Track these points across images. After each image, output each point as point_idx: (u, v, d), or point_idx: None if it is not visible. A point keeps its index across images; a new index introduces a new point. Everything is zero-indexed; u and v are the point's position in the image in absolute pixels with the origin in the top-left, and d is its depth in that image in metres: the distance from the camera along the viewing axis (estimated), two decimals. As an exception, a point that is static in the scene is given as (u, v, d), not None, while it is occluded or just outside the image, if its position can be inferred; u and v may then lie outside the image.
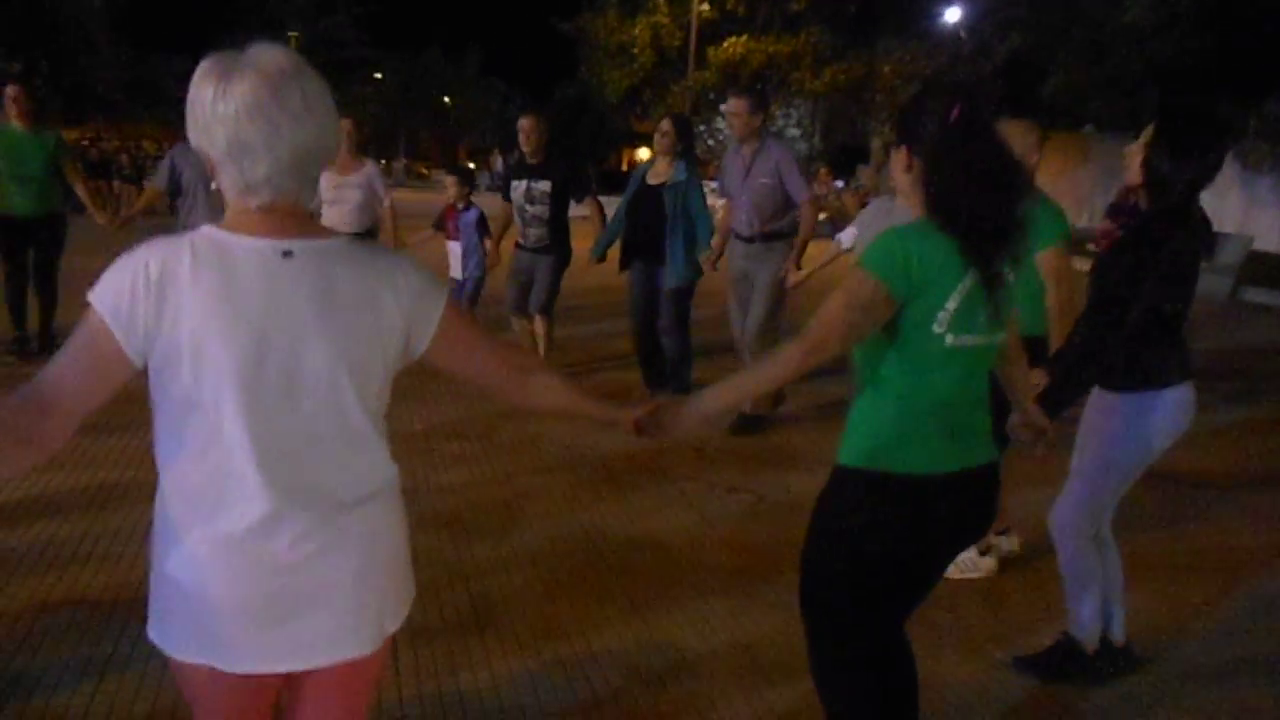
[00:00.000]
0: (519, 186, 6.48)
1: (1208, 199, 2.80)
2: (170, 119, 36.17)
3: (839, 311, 1.95)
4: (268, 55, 1.44)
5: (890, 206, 4.55)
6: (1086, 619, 3.06)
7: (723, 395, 2.07)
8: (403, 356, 1.61)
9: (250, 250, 1.45)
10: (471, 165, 47.80)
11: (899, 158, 2.06)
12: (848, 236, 5.06)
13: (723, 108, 5.80)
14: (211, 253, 1.44)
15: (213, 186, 1.50)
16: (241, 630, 1.49)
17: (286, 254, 1.46)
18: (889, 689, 2.25)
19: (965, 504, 2.09)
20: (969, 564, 3.85)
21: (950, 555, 2.21)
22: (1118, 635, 3.11)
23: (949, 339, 1.95)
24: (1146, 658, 3.27)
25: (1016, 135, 3.52)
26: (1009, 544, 3.98)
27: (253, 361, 1.42)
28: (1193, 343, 3.01)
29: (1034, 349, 2.85)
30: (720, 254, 5.97)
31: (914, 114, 2.04)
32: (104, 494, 4.24)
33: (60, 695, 2.75)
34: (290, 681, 1.64)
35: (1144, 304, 2.69)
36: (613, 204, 6.59)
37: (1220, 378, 8.14)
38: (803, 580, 2.19)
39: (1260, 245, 18.32)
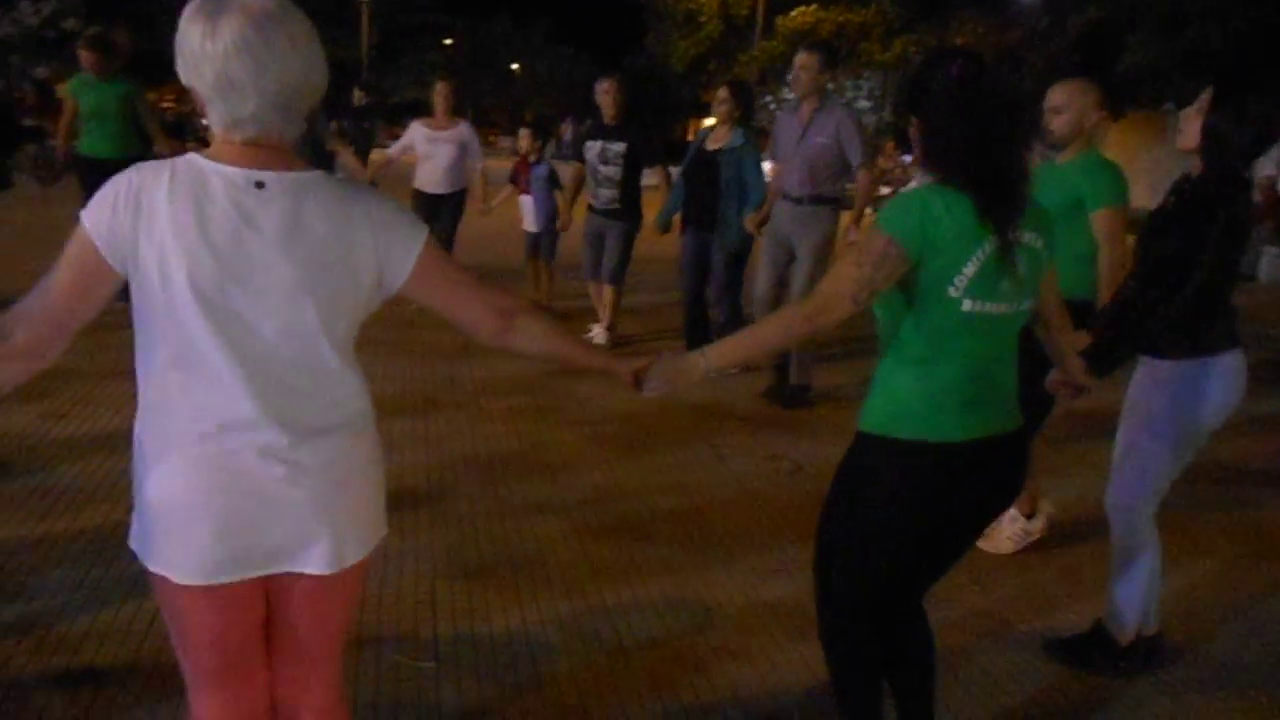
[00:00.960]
0: (593, 147, 6.58)
1: None
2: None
3: (849, 269, 1.94)
4: None
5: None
6: (1126, 609, 3.00)
7: (727, 351, 2.08)
8: (378, 290, 1.65)
9: (225, 177, 1.52)
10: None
11: (912, 132, 2.05)
12: None
13: (793, 61, 5.78)
14: (188, 176, 1.51)
15: (203, 122, 1.57)
16: (199, 540, 1.56)
17: (259, 184, 1.53)
18: (894, 661, 2.29)
19: (988, 473, 2.08)
20: (1019, 535, 3.88)
21: (974, 527, 2.19)
22: (1151, 624, 3.05)
23: (966, 304, 1.94)
24: (1189, 647, 3.23)
25: (1070, 94, 3.53)
26: (1038, 524, 3.94)
27: (216, 283, 1.50)
28: (1263, 329, 2.95)
29: (1078, 312, 2.84)
30: (765, 218, 5.91)
31: (921, 83, 2.03)
32: (105, 440, 4.39)
33: (63, 619, 2.92)
34: (271, 590, 1.70)
35: (1203, 269, 2.64)
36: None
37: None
38: (818, 545, 2.22)
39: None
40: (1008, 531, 3.89)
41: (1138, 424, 2.93)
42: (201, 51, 1.47)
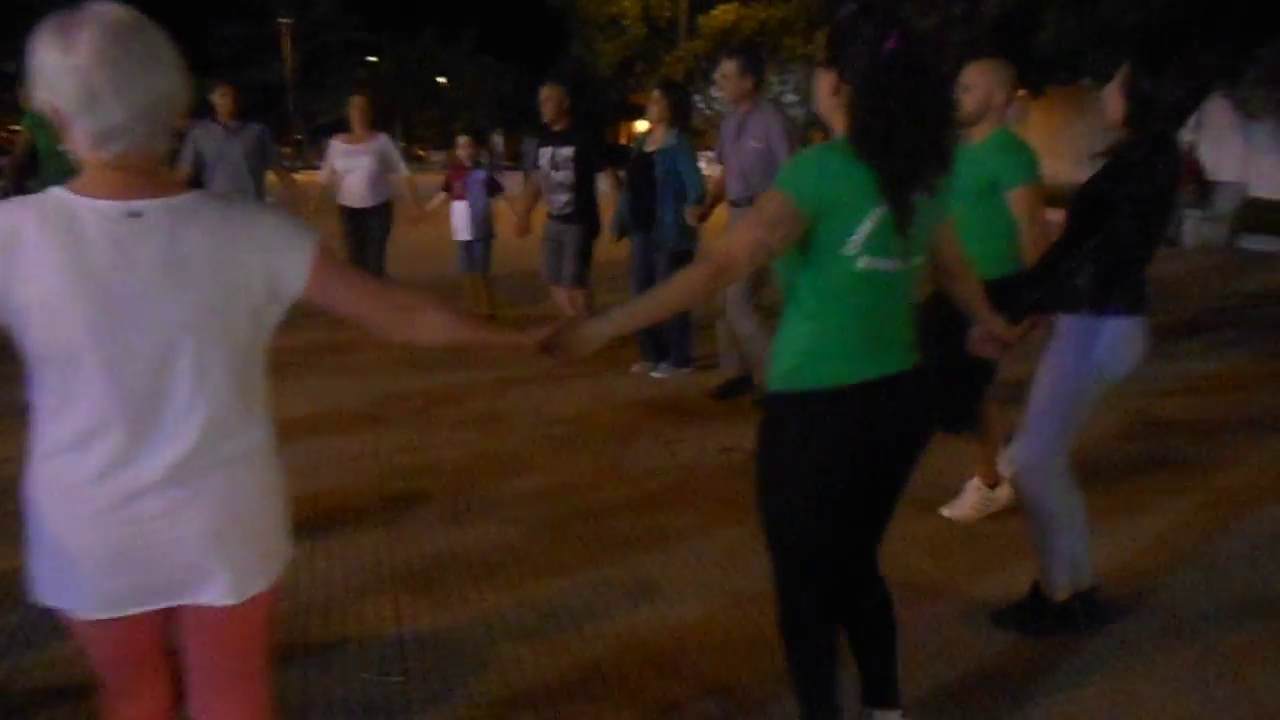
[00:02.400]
0: (545, 153, 6.64)
1: (1207, 148, 2.85)
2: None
3: (746, 229, 1.97)
4: (106, 8, 1.47)
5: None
6: (1055, 567, 3.06)
7: (629, 315, 2.08)
8: (274, 303, 1.63)
9: (97, 212, 1.48)
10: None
11: (827, 79, 2.03)
12: None
13: (715, 74, 5.88)
14: (59, 215, 1.47)
15: (62, 148, 1.53)
16: (88, 577, 1.57)
17: (134, 215, 1.49)
18: (853, 626, 2.32)
19: (893, 409, 2.11)
20: (981, 503, 3.97)
21: (893, 470, 2.21)
22: (1086, 579, 3.11)
23: (861, 261, 1.97)
24: (1140, 600, 3.31)
25: (978, 73, 3.63)
26: (1001, 494, 4.02)
27: (101, 323, 1.47)
28: (1189, 291, 3.04)
29: (999, 290, 2.91)
30: (707, 214, 5.95)
31: (847, 39, 1.99)
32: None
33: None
34: (171, 625, 1.71)
35: (1112, 229, 2.73)
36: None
37: (1216, 325, 8.18)
38: (759, 514, 2.23)
39: (1259, 191, 18.28)
40: (970, 499, 4.00)
41: (1042, 383, 2.99)
42: (61, 66, 1.43)
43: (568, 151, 6.50)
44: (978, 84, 3.62)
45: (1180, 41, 13.81)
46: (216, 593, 1.64)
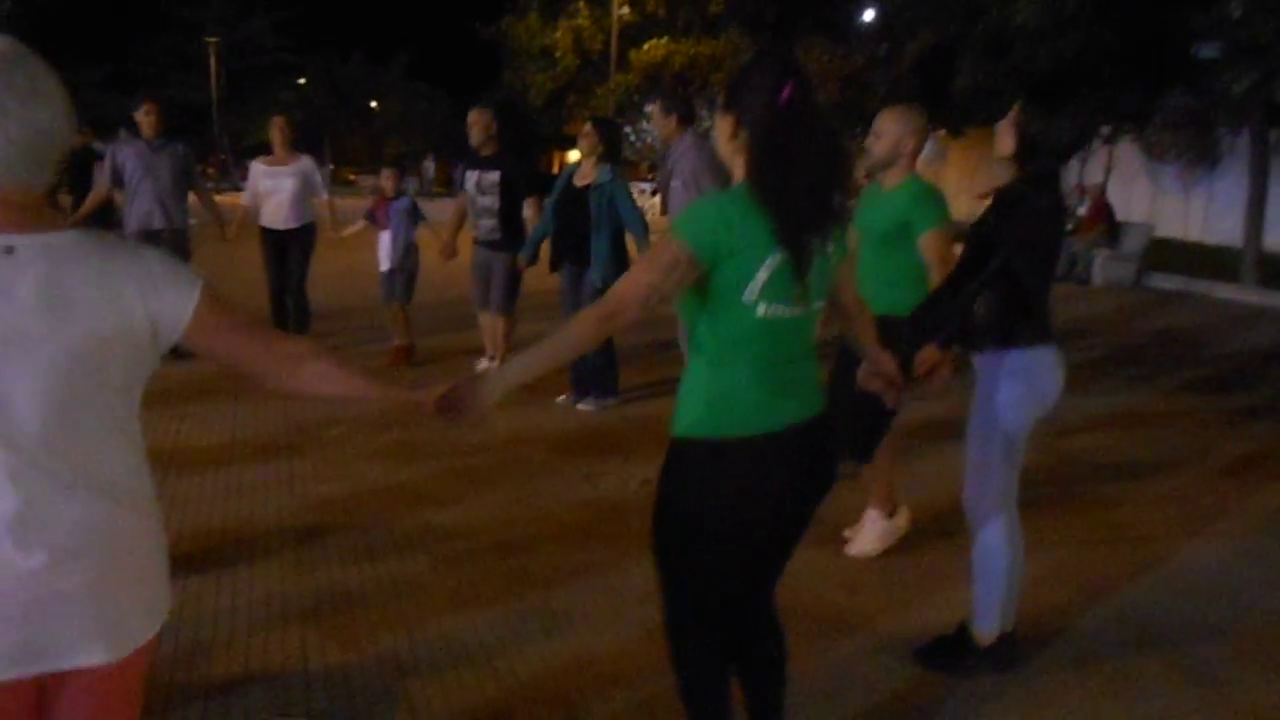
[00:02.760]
0: (471, 177, 6.65)
1: (1116, 189, 2.96)
2: (85, 125, 35.27)
3: (639, 274, 1.97)
4: None
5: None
6: (987, 610, 3.07)
7: (525, 364, 2.04)
8: (153, 348, 1.57)
9: None
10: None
11: (725, 124, 2.06)
12: None
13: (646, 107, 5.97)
14: None
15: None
16: None
17: (8, 250, 1.43)
18: (745, 672, 2.32)
19: (797, 460, 2.10)
20: (884, 534, 4.02)
21: (793, 519, 2.20)
22: (1009, 624, 3.13)
23: (760, 309, 1.97)
24: (1049, 636, 3.37)
25: (888, 120, 3.74)
26: (900, 522, 4.10)
27: None
28: (1099, 328, 3.13)
29: (899, 330, 2.99)
30: None
31: (745, 85, 2.03)
32: None
33: None
34: (46, 688, 1.60)
35: (997, 265, 2.81)
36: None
37: (1125, 362, 8.44)
38: (655, 555, 2.22)
39: (1165, 232, 19.02)
40: (871, 533, 4.04)
41: (973, 420, 3.06)
42: None
43: (494, 177, 6.51)
44: (889, 130, 3.72)
45: (1087, 86, 14.41)
46: (96, 653, 1.53)
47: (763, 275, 1.95)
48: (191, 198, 7.33)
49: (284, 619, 3.35)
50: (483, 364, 6.93)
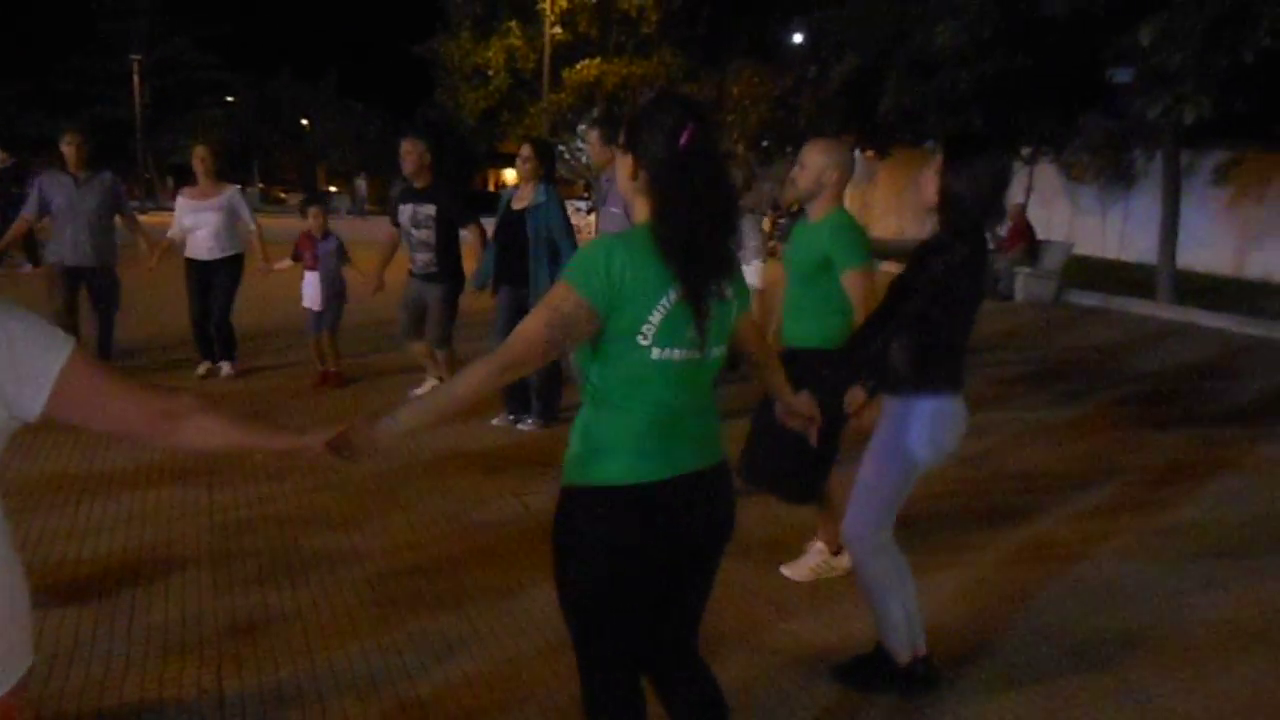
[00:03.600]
0: (405, 210, 6.52)
1: (1036, 209, 2.98)
2: (3, 145, 34.25)
3: (539, 328, 1.91)
4: None
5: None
6: (896, 629, 3.09)
7: (421, 410, 1.99)
8: (11, 420, 1.48)
9: None
10: (333, 189, 46.73)
11: (625, 164, 2.03)
12: None
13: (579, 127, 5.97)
14: None
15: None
16: None
17: None
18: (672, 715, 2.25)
19: (686, 510, 2.03)
20: (820, 566, 4.01)
21: (695, 566, 2.15)
22: (920, 647, 3.15)
23: (655, 352, 1.93)
24: (964, 652, 3.40)
25: (810, 153, 3.76)
26: (842, 563, 4.01)
27: None
28: (1019, 343, 3.16)
29: (825, 365, 3.02)
30: None
31: (645, 126, 1.98)
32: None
33: None
34: None
35: (912, 310, 2.85)
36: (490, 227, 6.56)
37: (1045, 376, 8.65)
38: (563, 614, 2.13)
39: (1083, 250, 19.59)
40: (810, 561, 4.04)
41: (873, 455, 3.08)
42: None
43: (429, 210, 6.43)
44: (812, 163, 3.73)
45: (1008, 108, 14.81)
46: None
47: (657, 317, 1.91)
48: (119, 222, 7.19)
49: (199, 647, 3.27)
50: (428, 384, 6.82)
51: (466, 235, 6.67)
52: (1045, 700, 3.14)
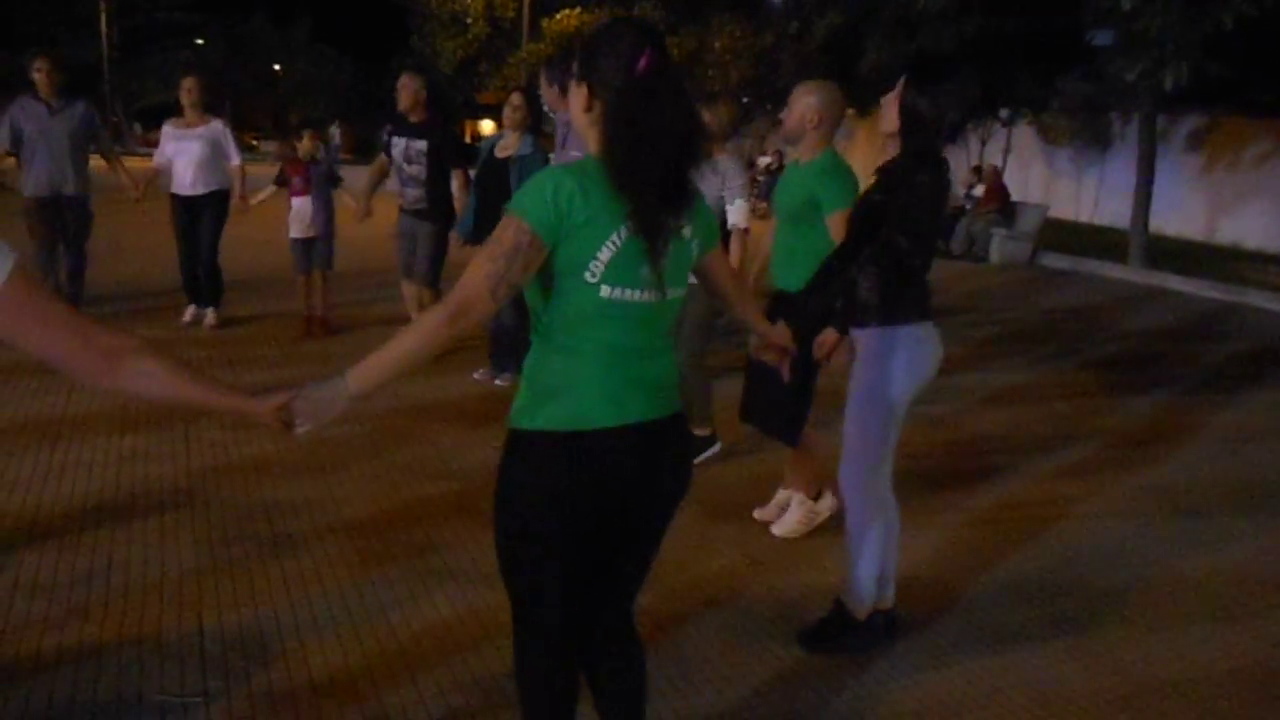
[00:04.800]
0: (399, 144, 6.47)
1: (1014, 171, 2.98)
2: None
3: (483, 264, 1.78)
4: None
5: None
6: (862, 585, 3.09)
7: (371, 370, 1.83)
8: None
9: None
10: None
11: (579, 94, 1.89)
12: None
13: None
14: None
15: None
16: None
17: None
18: (598, 690, 2.18)
19: (635, 461, 1.91)
20: (807, 517, 4.02)
21: (644, 520, 2.04)
22: (888, 600, 3.17)
23: (604, 290, 1.81)
24: (934, 608, 3.45)
25: (796, 95, 3.78)
26: (825, 505, 4.08)
27: None
28: (995, 305, 3.17)
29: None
30: None
31: (599, 53, 1.85)
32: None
33: None
34: None
35: (880, 240, 2.84)
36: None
37: (1019, 339, 8.70)
38: (498, 562, 2.03)
39: (1059, 213, 19.74)
40: (796, 515, 4.03)
41: (852, 396, 3.06)
42: None
43: (422, 145, 6.37)
44: (796, 104, 3.74)
45: (987, 67, 14.81)
46: None
47: (606, 254, 1.79)
48: (98, 161, 7.01)
49: (179, 585, 3.28)
50: None
51: (453, 181, 6.60)
52: (1014, 654, 3.20)
